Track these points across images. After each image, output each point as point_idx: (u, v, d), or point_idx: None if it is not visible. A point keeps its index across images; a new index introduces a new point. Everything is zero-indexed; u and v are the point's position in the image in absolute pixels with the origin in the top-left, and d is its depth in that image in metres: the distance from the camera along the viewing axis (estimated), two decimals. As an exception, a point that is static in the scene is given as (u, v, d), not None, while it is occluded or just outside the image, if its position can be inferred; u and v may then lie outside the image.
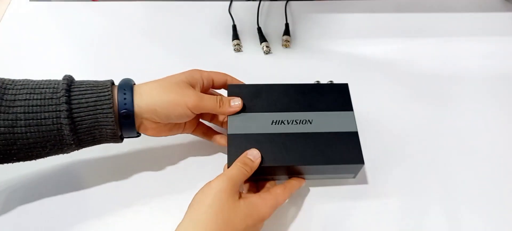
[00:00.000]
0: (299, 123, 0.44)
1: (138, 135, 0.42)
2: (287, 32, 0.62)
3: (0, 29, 0.66)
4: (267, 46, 0.60)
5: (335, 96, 0.46)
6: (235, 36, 0.62)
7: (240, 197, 0.38)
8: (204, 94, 0.42)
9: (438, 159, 0.49)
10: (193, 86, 0.42)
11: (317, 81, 0.50)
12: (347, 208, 0.45)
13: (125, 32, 0.65)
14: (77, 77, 0.63)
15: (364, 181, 0.47)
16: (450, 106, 0.54)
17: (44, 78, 0.38)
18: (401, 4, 0.67)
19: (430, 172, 0.48)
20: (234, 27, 0.63)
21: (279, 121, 0.44)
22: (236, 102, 0.43)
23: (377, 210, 0.45)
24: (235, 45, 0.60)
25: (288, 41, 0.61)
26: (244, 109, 0.44)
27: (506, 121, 0.53)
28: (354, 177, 0.46)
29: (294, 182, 0.43)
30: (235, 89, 0.46)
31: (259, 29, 0.63)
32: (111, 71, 0.61)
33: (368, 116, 0.53)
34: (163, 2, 0.69)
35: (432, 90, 0.56)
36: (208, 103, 0.42)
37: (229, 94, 0.46)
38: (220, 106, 0.42)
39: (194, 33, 0.64)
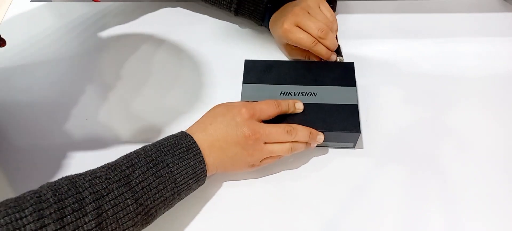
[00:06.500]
0: (305, 95, 0.50)
1: None
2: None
3: (1, 29, 0.67)
4: None
5: (340, 73, 0.52)
6: None
7: None
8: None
9: (437, 159, 0.50)
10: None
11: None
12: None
13: (126, 33, 0.65)
14: (77, 77, 0.63)
15: (363, 182, 0.48)
16: (450, 107, 0.54)
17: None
18: (401, 5, 0.67)
19: (429, 172, 0.49)
20: None
21: (287, 92, 0.50)
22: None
23: (376, 209, 0.46)
24: None
25: None
26: (257, 81, 0.51)
27: (506, 121, 0.53)
28: (353, 147, 0.50)
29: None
30: (250, 63, 0.54)
31: None
32: (112, 72, 0.62)
33: (367, 116, 0.53)
34: (165, 2, 0.69)
35: (432, 90, 0.56)
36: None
37: (245, 68, 0.54)
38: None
39: (197, 34, 0.66)
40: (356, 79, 0.52)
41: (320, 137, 0.48)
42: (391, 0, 0.69)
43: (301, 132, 0.46)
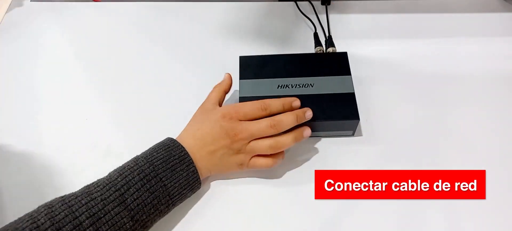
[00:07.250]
0: (302, 86, 0.51)
1: None
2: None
3: (1, 29, 0.67)
4: None
5: (335, 63, 0.54)
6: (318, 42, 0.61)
7: None
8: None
9: (438, 159, 0.50)
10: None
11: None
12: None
13: (127, 33, 0.66)
14: (76, 77, 0.63)
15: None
16: (450, 107, 0.55)
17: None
18: (401, 4, 0.67)
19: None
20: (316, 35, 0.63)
21: (284, 85, 0.51)
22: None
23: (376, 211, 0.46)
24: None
25: None
26: (254, 76, 0.53)
27: (506, 121, 0.53)
28: (352, 135, 0.51)
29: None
30: (245, 59, 0.55)
31: None
32: (113, 72, 0.62)
33: (367, 116, 0.53)
34: (165, 2, 0.70)
35: (432, 90, 0.57)
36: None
37: (240, 65, 0.54)
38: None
39: (196, 34, 0.66)
40: (356, 80, 0.52)
41: (309, 113, 0.47)
42: (390, -1, 0.70)
43: (286, 119, 0.45)
